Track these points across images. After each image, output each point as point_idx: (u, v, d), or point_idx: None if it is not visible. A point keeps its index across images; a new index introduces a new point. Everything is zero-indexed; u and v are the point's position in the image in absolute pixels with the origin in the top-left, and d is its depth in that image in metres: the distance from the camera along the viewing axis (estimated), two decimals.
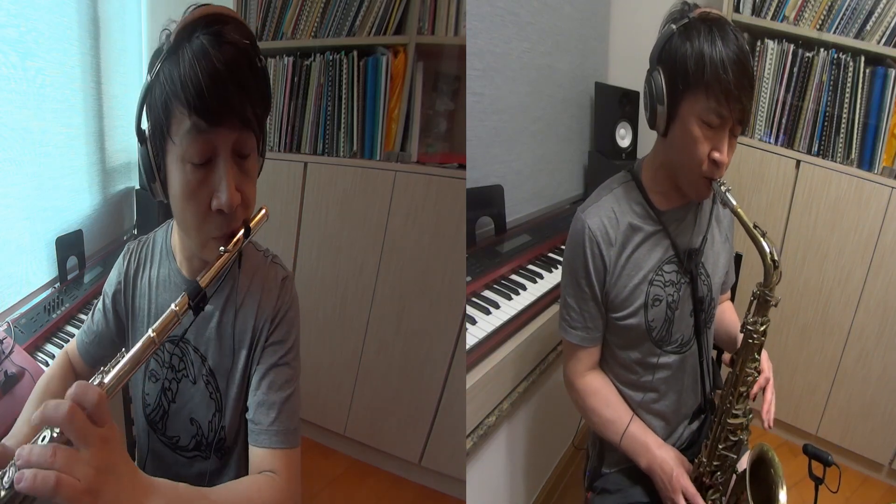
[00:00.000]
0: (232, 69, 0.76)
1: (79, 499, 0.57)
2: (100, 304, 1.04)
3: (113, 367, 0.69)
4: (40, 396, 0.98)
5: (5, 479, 0.62)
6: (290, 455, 0.91)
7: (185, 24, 0.77)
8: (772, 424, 1.10)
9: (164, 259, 0.99)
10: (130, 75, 2.18)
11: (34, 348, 1.47)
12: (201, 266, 0.91)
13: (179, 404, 0.99)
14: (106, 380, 0.67)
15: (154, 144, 0.80)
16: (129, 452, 1.18)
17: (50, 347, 1.51)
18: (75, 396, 0.60)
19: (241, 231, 0.82)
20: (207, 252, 0.84)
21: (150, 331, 0.71)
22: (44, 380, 1.02)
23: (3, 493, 0.61)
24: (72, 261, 1.82)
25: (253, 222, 0.84)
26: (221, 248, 0.80)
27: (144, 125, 0.82)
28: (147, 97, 0.79)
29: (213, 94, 0.75)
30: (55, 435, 0.61)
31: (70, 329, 1.60)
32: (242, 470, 1.02)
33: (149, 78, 0.78)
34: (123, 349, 0.72)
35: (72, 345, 1.09)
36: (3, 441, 0.84)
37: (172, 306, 0.73)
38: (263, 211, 0.86)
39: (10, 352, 1.33)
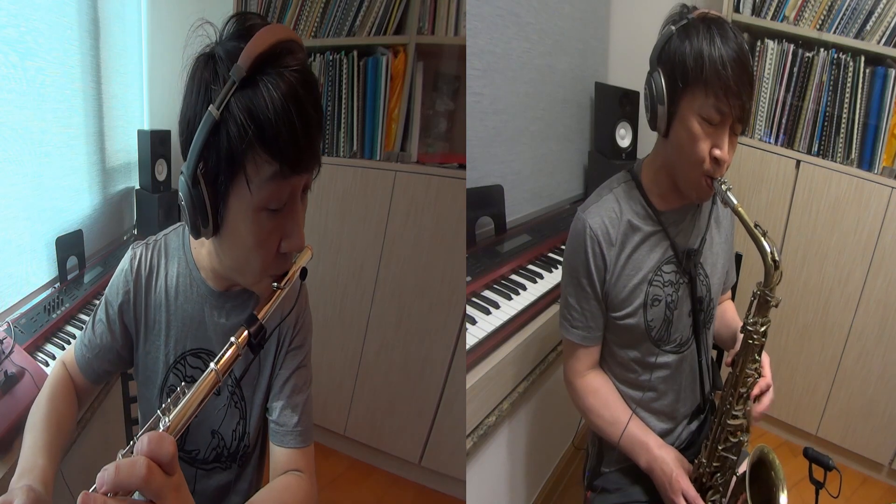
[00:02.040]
0: (316, 108, 0.72)
1: None
2: (102, 315, 0.96)
3: (174, 406, 0.64)
4: (45, 418, 0.90)
5: None
6: (309, 452, 0.96)
7: (261, 52, 0.67)
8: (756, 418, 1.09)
9: (182, 266, 0.93)
10: (130, 75, 2.18)
11: (34, 348, 1.47)
12: (230, 281, 0.90)
13: (200, 417, 0.94)
14: (170, 421, 0.63)
15: (214, 186, 0.72)
16: None
17: (50, 347, 1.51)
18: (150, 453, 0.56)
19: (294, 271, 0.80)
20: (260, 287, 0.81)
21: (212, 364, 0.67)
22: (45, 398, 0.94)
23: None
24: (72, 261, 1.82)
25: (301, 260, 0.83)
26: (275, 283, 0.78)
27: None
28: (212, 134, 0.68)
29: (305, 141, 0.70)
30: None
31: (70, 329, 1.60)
32: (258, 474, 1.04)
33: (214, 111, 0.67)
34: (184, 383, 0.68)
35: (69, 357, 1.01)
36: (25, 485, 0.76)
37: (233, 339, 0.70)
38: (310, 251, 0.85)
39: (10, 352, 1.33)
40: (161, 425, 0.62)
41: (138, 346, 0.96)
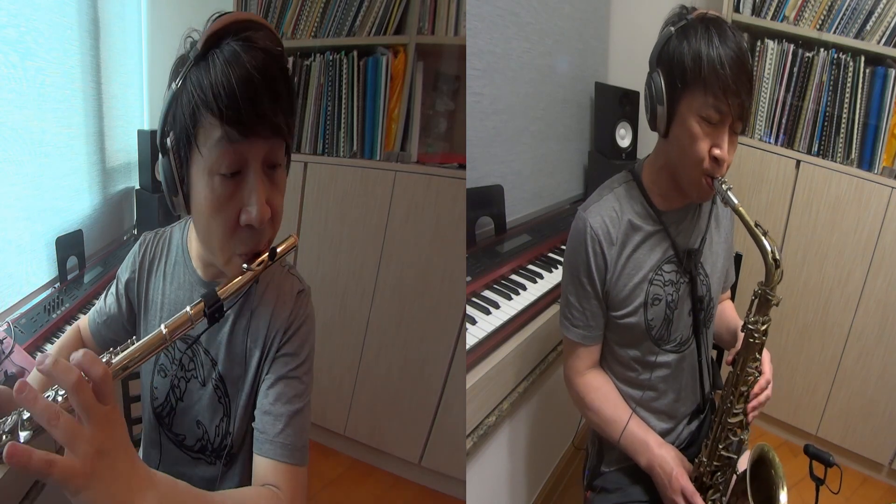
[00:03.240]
0: (265, 76, 0.73)
1: (72, 479, 0.55)
2: (113, 289, 1.05)
3: (122, 351, 0.68)
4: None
5: (7, 422, 0.62)
6: (296, 472, 0.89)
7: (215, 31, 0.73)
8: (750, 420, 1.09)
9: (179, 256, 0.99)
10: (130, 75, 2.18)
11: (34, 348, 1.47)
12: (217, 271, 0.91)
13: (187, 403, 0.99)
14: (114, 360, 0.66)
15: (178, 155, 0.76)
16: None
17: (50, 347, 1.51)
18: (81, 364, 0.58)
19: (267, 254, 0.80)
20: (231, 268, 0.82)
21: (162, 326, 0.70)
22: (56, 349, 1.05)
23: (4, 437, 0.62)
24: (72, 261, 1.82)
25: (280, 248, 0.83)
26: (245, 265, 0.79)
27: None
28: (172, 106, 0.75)
29: (246, 102, 0.72)
30: (59, 399, 0.61)
31: None
32: (246, 478, 1.01)
33: (174, 86, 0.74)
34: (134, 337, 0.72)
35: (84, 322, 1.10)
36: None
37: (187, 309, 0.73)
38: (292, 239, 0.85)
39: (10, 352, 1.33)
40: (104, 359, 0.65)
41: (139, 323, 1.03)
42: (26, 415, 0.60)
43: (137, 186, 2.16)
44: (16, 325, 1.47)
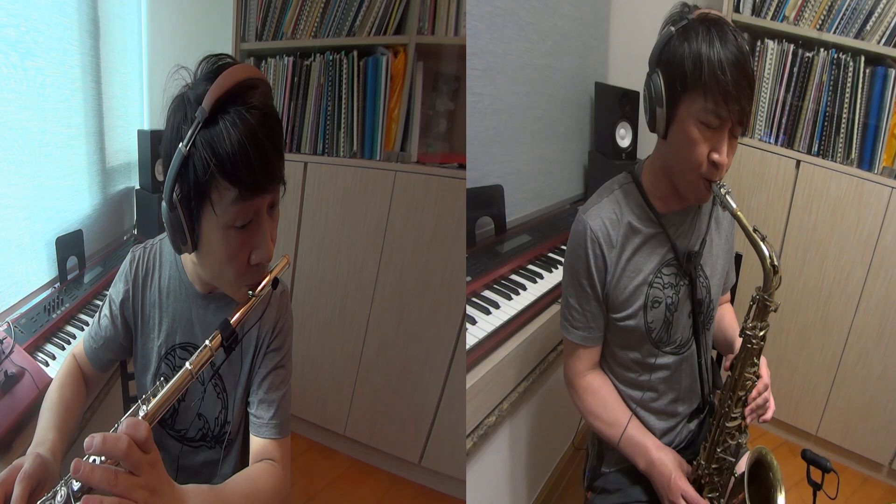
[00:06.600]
0: (273, 140, 0.80)
1: None
2: (106, 310, 1.08)
3: (153, 398, 0.75)
4: (55, 402, 1.01)
5: (58, 497, 0.70)
6: (285, 444, 1.04)
7: (220, 96, 0.76)
8: (760, 420, 1.09)
9: (173, 270, 1.03)
10: (130, 75, 2.18)
11: (34, 348, 1.47)
12: (213, 285, 0.98)
13: (188, 403, 1.07)
14: (148, 409, 0.74)
15: (188, 210, 0.82)
16: None
17: (50, 347, 1.51)
18: (129, 432, 0.67)
19: (267, 279, 0.88)
20: (238, 295, 0.89)
21: (187, 364, 0.77)
22: (56, 385, 1.06)
23: None
24: (72, 261, 1.81)
25: (276, 270, 0.91)
26: (250, 292, 0.87)
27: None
28: (182, 166, 0.79)
29: (261, 169, 0.79)
30: (103, 458, 0.69)
31: (70, 329, 1.60)
32: (241, 458, 1.13)
33: (183, 148, 0.77)
34: (162, 378, 0.79)
35: (79, 348, 1.12)
36: (35, 452, 0.86)
37: (206, 343, 0.79)
38: (285, 260, 0.94)
39: (10, 352, 1.33)
40: (140, 412, 0.74)
41: (136, 339, 1.08)
42: (75, 486, 0.69)
43: (137, 186, 2.16)
44: (16, 325, 1.47)
